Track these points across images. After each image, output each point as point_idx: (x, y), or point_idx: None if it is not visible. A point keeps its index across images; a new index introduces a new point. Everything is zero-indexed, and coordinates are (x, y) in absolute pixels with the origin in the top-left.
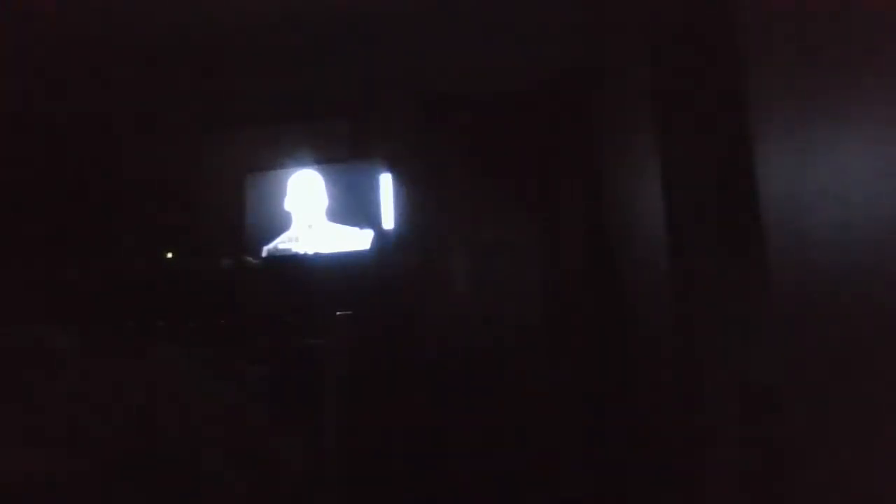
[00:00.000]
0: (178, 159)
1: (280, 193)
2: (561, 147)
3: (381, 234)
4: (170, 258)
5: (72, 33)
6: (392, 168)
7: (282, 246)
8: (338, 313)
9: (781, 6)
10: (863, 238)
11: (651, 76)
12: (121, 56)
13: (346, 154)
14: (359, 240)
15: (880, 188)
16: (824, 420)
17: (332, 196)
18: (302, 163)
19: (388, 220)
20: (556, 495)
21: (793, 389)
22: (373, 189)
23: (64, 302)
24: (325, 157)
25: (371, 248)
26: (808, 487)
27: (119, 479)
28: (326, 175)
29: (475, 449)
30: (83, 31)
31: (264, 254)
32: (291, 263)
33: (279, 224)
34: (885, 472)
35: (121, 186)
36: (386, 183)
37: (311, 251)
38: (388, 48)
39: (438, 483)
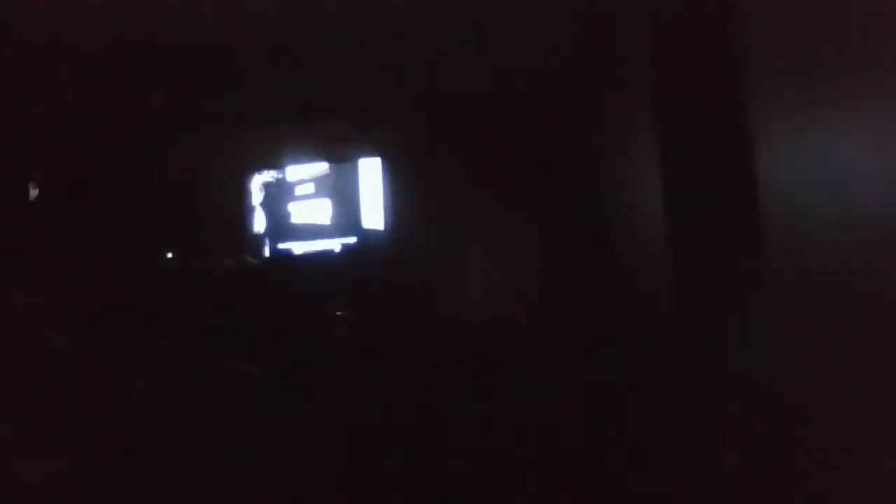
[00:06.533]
0: (178, 159)
1: (281, 193)
2: (561, 147)
3: (380, 235)
4: (170, 258)
5: (72, 33)
6: (392, 168)
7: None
8: (338, 313)
9: (781, 6)
10: (863, 237)
11: (651, 76)
12: (121, 56)
13: (346, 154)
14: (358, 240)
15: (880, 187)
16: (824, 420)
17: (331, 196)
18: (302, 163)
19: (388, 221)
20: (557, 495)
21: (793, 389)
22: (373, 188)
23: (64, 302)
24: (325, 157)
25: (371, 249)
26: (809, 487)
27: (119, 478)
28: (326, 174)
29: (474, 449)
30: (83, 30)
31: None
32: (291, 263)
33: (281, 223)
34: (886, 472)
35: (121, 186)
36: (385, 182)
37: (310, 251)
38: (389, 48)
39: (438, 483)
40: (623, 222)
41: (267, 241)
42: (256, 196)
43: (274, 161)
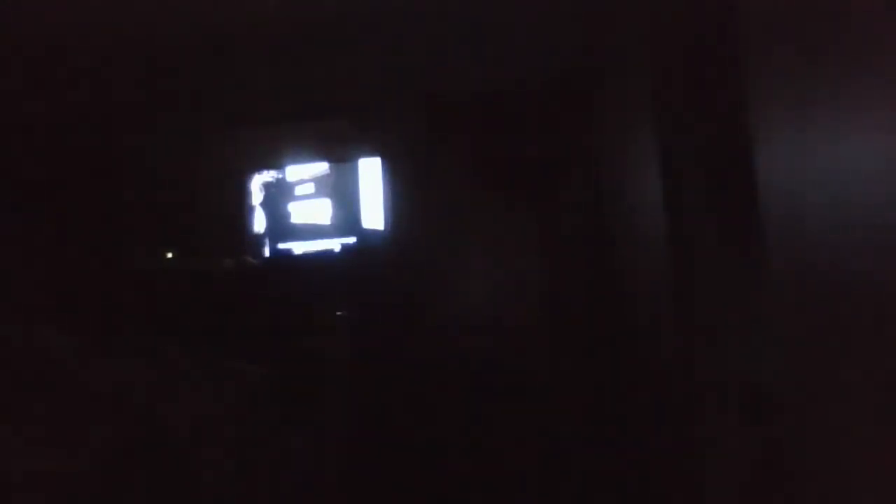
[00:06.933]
0: (178, 159)
1: (281, 193)
2: (561, 147)
3: (380, 235)
4: (170, 258)
5: (72, 33)
6: (392, 168)
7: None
8: (338, 313)
9: (781, 6)
10: (863, 237)
11: (651, 76)
12: (121, 55)
13: (346, 154)
14: (358, 240)
15: (880, 187)
16: (824, 420)
17: (331, 196)
18: (302, 163)
19: (388, 221)
20: (557, 495)
21: (793, 389)
22: (373, 188)
23: (64, 302)
24: (325, 157)
25: (371, 249)
26: (809, 487)
27: (120, 478)
28: (326, 174)
29: (474, 449)
30: (83, 30)
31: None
32: (291, 263)
33: (281, 223)
34: (886, 472)
35: (121, 186)
36: (385, 182)
37: (311, 251)
38: (389, 48)
39: (438, 483)
40: (623, 222)
41: (267, 241)
42: (256, 196)
43: (274, 161)
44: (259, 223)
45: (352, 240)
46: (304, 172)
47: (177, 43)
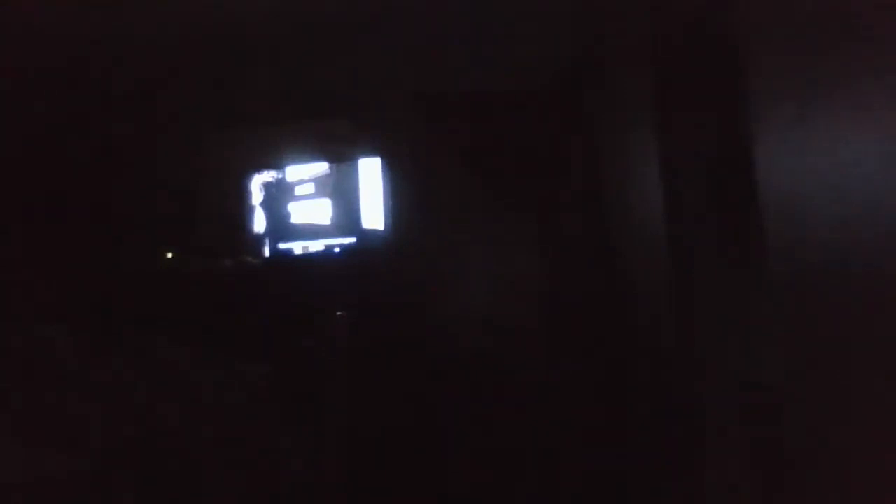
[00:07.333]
0: (178, 159)
1: (281, 193)
2: (561, 147)
3: (380, 235)
4: (170, 258)
5: (71, 32)
6: (391, 168)
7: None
8: (337, 313)
9: (781, 6)
10: (863, 236)
11: (651, 76)
12: (121, 55)
13: (346, 154)
14: (358, 240)
15: (880, 186)
16: (825, 420)
17: (331, 196)
18: (302, 163)
19: (388, 221)
20: (557, 495)
21: (793, 389)
22: (373, 188)
23: (64, 302)
24: (325, 157)
25: (370, 249)
26: (809, 487)
27: (119, 479)
28: (326, 174)
29: (474, 449)
30: (83, 30)
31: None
32: (291, 263)
33: (281, 223)
34: (887, 472)
35: (121, 186)
36: (385, 182)
37: (311, 251)
38: (389, 48)
39: (439, 483)
40: (623, 222)
41: (267, 241)
42: (256, 196)
43: (274, 161)
44: (259, 223)
45: (352, 240)
46: (304, 172)
47: (177, 43)
